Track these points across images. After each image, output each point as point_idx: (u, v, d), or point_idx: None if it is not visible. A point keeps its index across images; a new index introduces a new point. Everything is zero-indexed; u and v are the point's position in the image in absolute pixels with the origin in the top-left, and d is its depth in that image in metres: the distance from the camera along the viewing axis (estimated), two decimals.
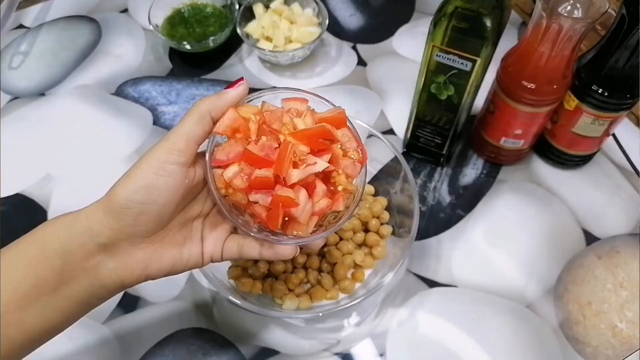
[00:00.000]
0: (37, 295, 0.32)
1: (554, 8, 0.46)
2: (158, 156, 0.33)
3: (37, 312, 0.32)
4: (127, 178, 0.33)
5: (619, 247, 0.57)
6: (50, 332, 0.34)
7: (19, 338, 0.32)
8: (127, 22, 0.77)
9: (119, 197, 0.32)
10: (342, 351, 0.50)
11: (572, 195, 0.60)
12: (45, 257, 0.32)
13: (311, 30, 0.70)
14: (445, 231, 0.58)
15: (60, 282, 0.32)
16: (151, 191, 0.33)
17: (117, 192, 0.33)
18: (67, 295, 0.33)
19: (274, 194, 0.35)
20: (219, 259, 0.38)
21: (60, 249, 0.32)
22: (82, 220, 0.33)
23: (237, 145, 0.35)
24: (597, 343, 0.51)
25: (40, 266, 0.32)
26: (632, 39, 0.47)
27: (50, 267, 0.32)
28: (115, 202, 0.32)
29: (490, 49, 0.46)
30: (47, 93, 0.69)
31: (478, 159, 0.63)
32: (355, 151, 0.38)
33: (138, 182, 0.32)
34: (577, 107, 0.54)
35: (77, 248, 0.32)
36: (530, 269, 0.55)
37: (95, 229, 0.32)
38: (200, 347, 0.50)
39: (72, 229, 0.33)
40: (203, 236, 0.38)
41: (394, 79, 0.71)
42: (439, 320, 0.52)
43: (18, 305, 0.32)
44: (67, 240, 0.32)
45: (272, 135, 0.36)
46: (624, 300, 0.53)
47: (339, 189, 0.37)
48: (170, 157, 0.33)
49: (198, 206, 0.38)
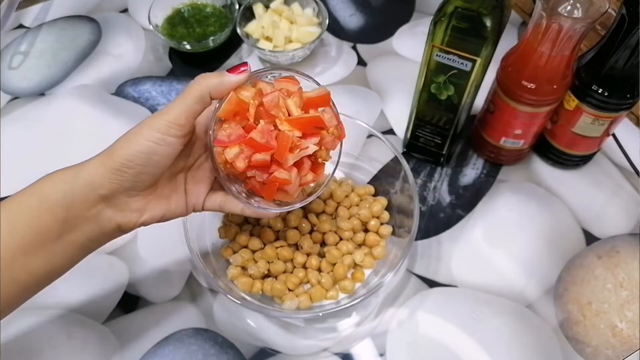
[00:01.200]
0: (42, 242, 0.35)
1: (554, 8, 0.46)
2: (159, 127, 0.36)
3: (41, 257, 0.36)
4: (129, 141, 0.36)
5: (619, 247, 0.57)
6: (53, 275, 0.38)
7: (24, 280, 0.36)
8: (127, 22, 0.77)
9: (121, 157, 0.36)
10: (342, 351, 0.50)
11: (572, 195, 0.60)
12: (49, 207, 0.35)
13: (311, 30, 0.70)
14: (445, 231, 0.58)
15: (64, 229, 0.36)
16: (151, 157, 0.36)
17: (119, 152, 0.36)
18: (70, 241, 0.37)
19: (272, 175, 0.40)
20: (200, 209, 0.43)
21: (64, 200, 0.35)
22: (84, 174, 0.36)
23: (237, 128, 0.40)
24: (597, 343, 0.51)
25: (44, 216, 0.35)
26: (632, 39, 0.47)
27: (54, 217, 0.35)
28: (117, 160, 0.36)
29: (490, 49, 0.46)
30: (47, 93, 0.69)
31: (478, 159, 0.63)
32: (335, 128, 0.42)
33: (139, 147, 0.36)
34: (577, 107, 0.54)
35: (80, 198, 0.36)
36: (530, 268, 0.55)
37: (96, 182, 0.36)
38: (200, 347, 0.50)
39: (75, 182, 0.36)
40: (187, 189, 0.42)
41: (394, 79, 0.71)
42: (439, 320, 0.52)
43: (24, 251, 0.35)
44: (70, 192, 0.36)
45: (269, 119, 0.40)
46: (624, 300, 0.53)
47: (320, 161, 0.43)
48: (171, 130, 0.36)
49: (182, 161, 0.42)
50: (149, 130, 0.36)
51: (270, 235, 0.52)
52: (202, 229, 0.53)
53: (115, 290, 0.53)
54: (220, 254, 0.52)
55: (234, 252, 0.52)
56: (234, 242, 0.52)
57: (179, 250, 0.55)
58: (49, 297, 0.52)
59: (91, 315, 0.51)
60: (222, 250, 0.52)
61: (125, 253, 0.55)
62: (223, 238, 0.53)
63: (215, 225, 0.54)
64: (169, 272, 0.54)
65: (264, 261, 0.50)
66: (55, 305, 0.52)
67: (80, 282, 0.53)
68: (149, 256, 0.55)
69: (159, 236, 0.56)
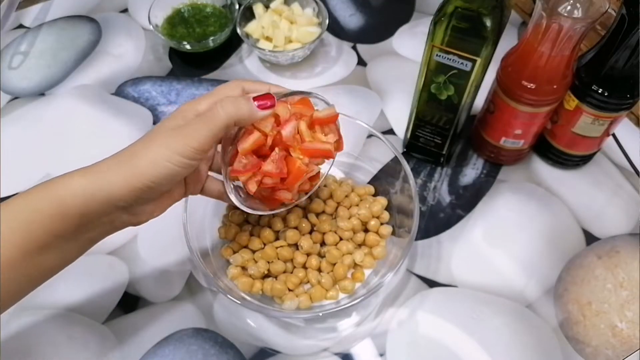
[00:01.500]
0: (57, 243, 0.36)
1: (554, 8, 0.46)
2: (186, 154, 0.37)
3: (55, 255, 0.37)
4: (155, 163, 0.36)
5: (619, 247, 0.57)
6: (62, 267, 0.39)
7: (36, 275, 0.37)
8: (127, 22, 0.77)
9: (147, 179, 0.36)
10: (342, 351, 0.50)
11: (572, 195, 0.61)
12: (67, 214, 0.35)
13: (311, 30, 0.70)
14: (445, 231, 0.58)
15: (79, 231, 0.37)
16: (174, 178, 0.37)
17: (144, 172, 0.36)
18: (84, 239, 0.38)
19: (276, 195, 0.44)
20: (197, 194, 0.45)
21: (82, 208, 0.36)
22: (105, 186, 0.36)
23: (253, 159, 0.42)
24: (597, 343, 0.51)
25: (62, 222, 0.36)
26: (632, 39, 0.47)
27: (71, 222, 0.36)
28: (142, 181, 0.36)
29: (490, 49, 0.46)
30: (47, 93, 0.69)
31: (478, 159, 0.63)
32: (336, 142, 0.46)
33: (167, 171, 0.37)
34: (577, 107, 0.54)
35: (98, 209, 0.36)
36: (530, 268, 0.55)
37: (116, 196, 0.36)
38: (200, 347, 0.50)
39: (94, 194, 0.36)
40: (186, 180, 0.43)
41: (394, 79, 0.71)
42: (439, 320, 0.52)
43: (39, 251, 0.35)
44: (89, 203, 0.36)
45: (283, 146, 0.43)
46: (624, 300, 0.53)
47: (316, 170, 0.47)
48: (197, 156, 0.37)
49: None
50: (174, 155, 0.36)
51: (270, 235, 0.52)
52: (202, 229, 0.53)
53: (115, 290, 0.53)
54: (220, 254, 0.52)
55: (234, 252, 0.52)
56: (234, 242, 0.52)
57: (179, 250, 0.55)
58: (49, 296, 0.52)
59: (91, 315, 0.51)
60: (222, 250, 0.52)
61: (125, 253, 0.55)
62: (223, 238, 0.53)
63: (215, 225, 0.54)
64: (169, 272, 0.54)
65: (264, 261, 0.50)
66: (55, 305, 0.52)
67: (80, 282, 0.53)
68: (149, 256, 0.55)
69: (159, 236, 0.56)
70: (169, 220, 0.47)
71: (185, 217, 0.49)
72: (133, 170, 0.36)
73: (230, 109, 0.38)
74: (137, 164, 0.36)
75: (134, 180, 0.36)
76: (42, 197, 0.36)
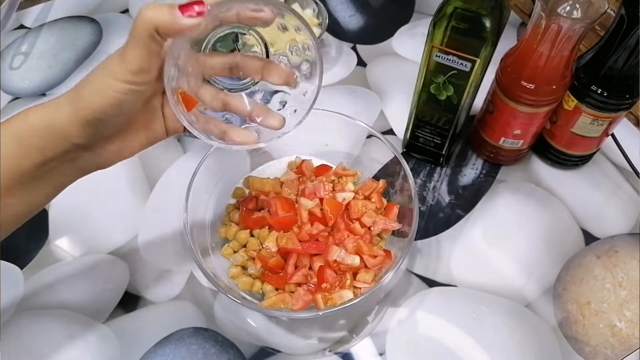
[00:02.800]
0: (21, 183, 0.35)
1: (553, 8, 0.46)
2: (125, 77, 0.33)
3: (21, 197, 0.36)
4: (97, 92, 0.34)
5: (617, 246, 0.57)
6: (33, 211, 0.38)
7: (5, 219, 0.36)
8: (128, 23, 0.77)
9: (92, 109, 0.34)
10: (342, 351, 0.50)
11: (571, 195, 0.61)
12: (27, 152, 0.34)
13: None
14: (445, 231, 0.58)
15: (42, 171, 0.36)
16: (123, 106, 0.34)
17: (88, 101, 0.34)
18: (49, 181, 0.37)
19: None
20: (180, 132, 0.41)
21: (40, 147, 0.35)
22: (57, 126, 0.34)
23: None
24: (596, 342, 0.51)
25: (22, 160, 0.35)
26: (631, 39, 0.47)
27: (32, 161, 0.35)
28: (89, 113, 0.34)
29: (489, 50, 0.46)
30: (48, 93, 0.70)
31: (477, 159, 0.64)
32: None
33: (110, 100, 0.34)
34: (576, 108, 0.54)
35: (55, 147, 0.35)
36: (530, 268, 0.55)
37: (69, 132, 0.34)
38: (200, 347, 0.50)
39: (49, 128, 0.34)
40: (164, 114, 0.39)
41: (393, 79, 0.71)
42: (438, 319, 0.52)
43: (5, 194, 0.35)
44: (44, 142, 0.35)
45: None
46: (622, 300, 0.53)
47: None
48: (138, 78, 0.34)
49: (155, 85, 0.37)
50: (115, 81, 0.33)
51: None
52: (203, 228, 0.53)
53: (116, 290, 0.53)
54: (220, 254, 0.53)
55: (234, 251, 0.52)
56: (234, 242, 0.53)
57: (179, 249, 0.55)
58: (49, 296, 0.52)
59: (92, 315, 0.51)
60: (222, 250, 0.53)
61: (126, 252, 0.55)
62: (223, 238, 0.53)
63: (215, 225, 0.55)
64: (170, 272, 0.54)
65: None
66: (55, 304, 0.52)
67: (80, 281, 0.53)
68: (150, 256, 0.55)
69: (159, 236, 0.56)
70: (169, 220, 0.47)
71: (185, 217, 0.49)
72: (79, 102, 0.34)
73: (148, 14, 0.32)
74: (82, 95, 0.34)
75: (82, 112, 0.34)
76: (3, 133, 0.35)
